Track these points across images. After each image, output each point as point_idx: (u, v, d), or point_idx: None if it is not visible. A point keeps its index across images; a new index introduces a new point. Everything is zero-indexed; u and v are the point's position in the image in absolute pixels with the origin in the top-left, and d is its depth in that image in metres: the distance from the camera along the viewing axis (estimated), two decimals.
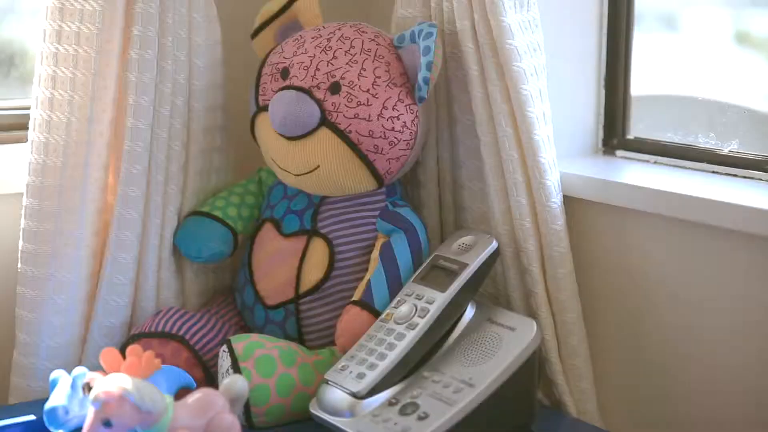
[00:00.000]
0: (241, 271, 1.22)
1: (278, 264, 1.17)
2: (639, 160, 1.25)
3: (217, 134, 1.22)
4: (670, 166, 1.21)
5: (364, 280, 1.13)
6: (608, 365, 1.17)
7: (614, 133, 1.29)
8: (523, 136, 1.10)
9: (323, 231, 1.16)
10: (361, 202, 1.17)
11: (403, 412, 1.00)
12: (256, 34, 1.22)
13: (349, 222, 1.16)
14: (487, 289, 1.19)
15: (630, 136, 1.29)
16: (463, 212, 1.20)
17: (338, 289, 1.15)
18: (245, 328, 1.21)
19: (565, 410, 1.13)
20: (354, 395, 1.02)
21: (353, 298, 1.12)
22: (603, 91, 1.29)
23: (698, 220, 1.05)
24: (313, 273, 1.15)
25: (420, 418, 0.99)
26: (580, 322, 1.14)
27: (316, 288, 1.15)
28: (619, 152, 1.28)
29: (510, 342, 1.03)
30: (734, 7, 1.31)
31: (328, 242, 1.15)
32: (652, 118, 1.31)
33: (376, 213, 1.16)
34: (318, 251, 1.15)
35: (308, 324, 1.16)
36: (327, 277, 1.15)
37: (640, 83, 1.30)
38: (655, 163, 1.23)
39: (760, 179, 1.11)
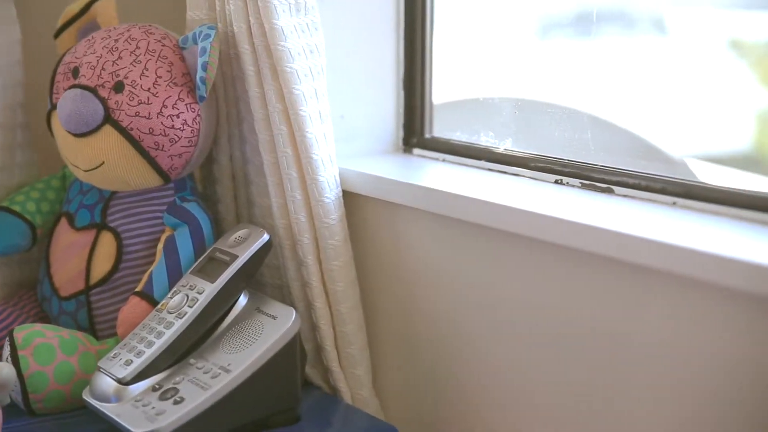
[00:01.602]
0: (41, 264, 1.26)
1: (70, 257, 1.21)
2: (432, 158, 1.31)
3: (18, 131, 1.26)
4: (455, 163, 1.27)
5: (147, 272, 1.17)
6: (385, 352, 1.23)
7: (414, 132, 1.35)
8: (296, 134, 1.15)
9: (112, 225, 1.20)
10: (149, 197, 1.21)
11: (163, 396, 1.05)
12: (58, 34, 1.26)
13: (137, 216, 1.21)
14: (274, 280, 1.24)
15: (427, 136, 1.34)
16: (253, 207, 1.25)
17: (127, 281, 1.20)
18: (45, 320, 1.25)
19: (340, 396, 1.18)
20: (119, 381, 1.07)
21: (136, 289, 1.17)
22: (402, 93, 1.35)
23: (457, 217, 1.11)
24: (102, 265, 1.20)
25: (176, 402, 1.04)
26: (356, 312, 1.19)
27: (105, 280, 1.19)
28: (417, 151, 1.34)
29: (270, 330, 1.08)
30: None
31: (116, 235, 1.20)
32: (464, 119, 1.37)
33: (164, 208, 1.21)
34: (106, 244, 1.20)
35: (99, 314, 1.20)
36: (115, 269, 1.19)
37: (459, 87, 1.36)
38: (443, 161, 1.29)
39: (524, 176, 1.17)
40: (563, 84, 1.27)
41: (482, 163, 1.24)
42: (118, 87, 1.16)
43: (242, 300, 1.13)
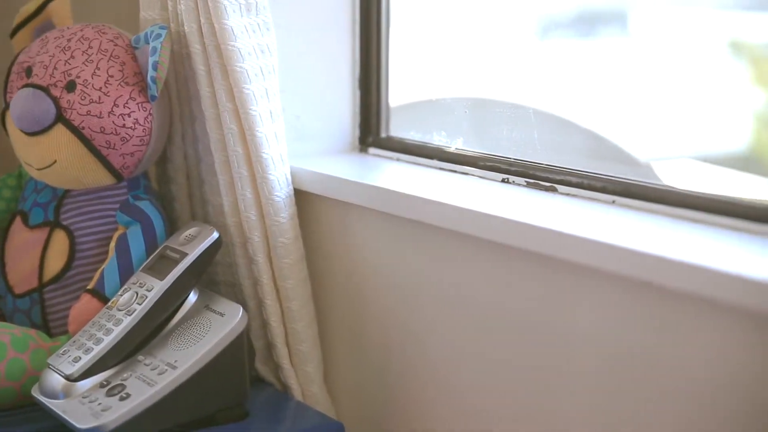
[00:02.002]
0: None
1: (24, 254, 1.22)
2: (386, 157, 1.32)
3: None
4: (409, 163, 1.28)
5: (99, 270, 1.18)
6: (337, 350, 1.24)
7: (370, 131, 1.36)
8: (247, 133, 1.16)
9: (65, 223, 1.21)
10: (102, 196, 1.22)
11: (110, 393, 1.06)
12: (14, 33, 1.27)
13: (90, 214, 1.22)
14: (227, 278, 1.25)
15: (383, 135, 1.35)
16: (207, 205, 1.26)
17: (79, 279, 1.21)
18: (2, 317, 1.26)
19: (291, 393, 1.19)
20: (67, 378, 1.08)
21: (87, 287, 1.18)
22: (358, 93, 1.36)
23: (405, 216, 1.12)
24: (55, 263, 1.21)
25: (122, 399, 1.05)
26: (306, 309, 1.20)
27: (58, 277, 1.20)
28: (372, 150, 1.35)
29: (217, 327, 1.09)
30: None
31: (69, 233, 1.21)
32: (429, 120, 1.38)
33: (117, 206, 1.22)
34: (59, 242, 1.21)
35: (52, 312, 1.21)
36: (68, 267, 1.20)
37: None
38: (397, 160, 1.30)
39: (473, 175, 1.19)
40: (531, 85, 1.28)
41: (434, 162, 1.25)
42: (70, 86, 1.17)
43: (192, 297, 1.14)
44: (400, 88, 1.38)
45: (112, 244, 1.20)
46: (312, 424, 1.13)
